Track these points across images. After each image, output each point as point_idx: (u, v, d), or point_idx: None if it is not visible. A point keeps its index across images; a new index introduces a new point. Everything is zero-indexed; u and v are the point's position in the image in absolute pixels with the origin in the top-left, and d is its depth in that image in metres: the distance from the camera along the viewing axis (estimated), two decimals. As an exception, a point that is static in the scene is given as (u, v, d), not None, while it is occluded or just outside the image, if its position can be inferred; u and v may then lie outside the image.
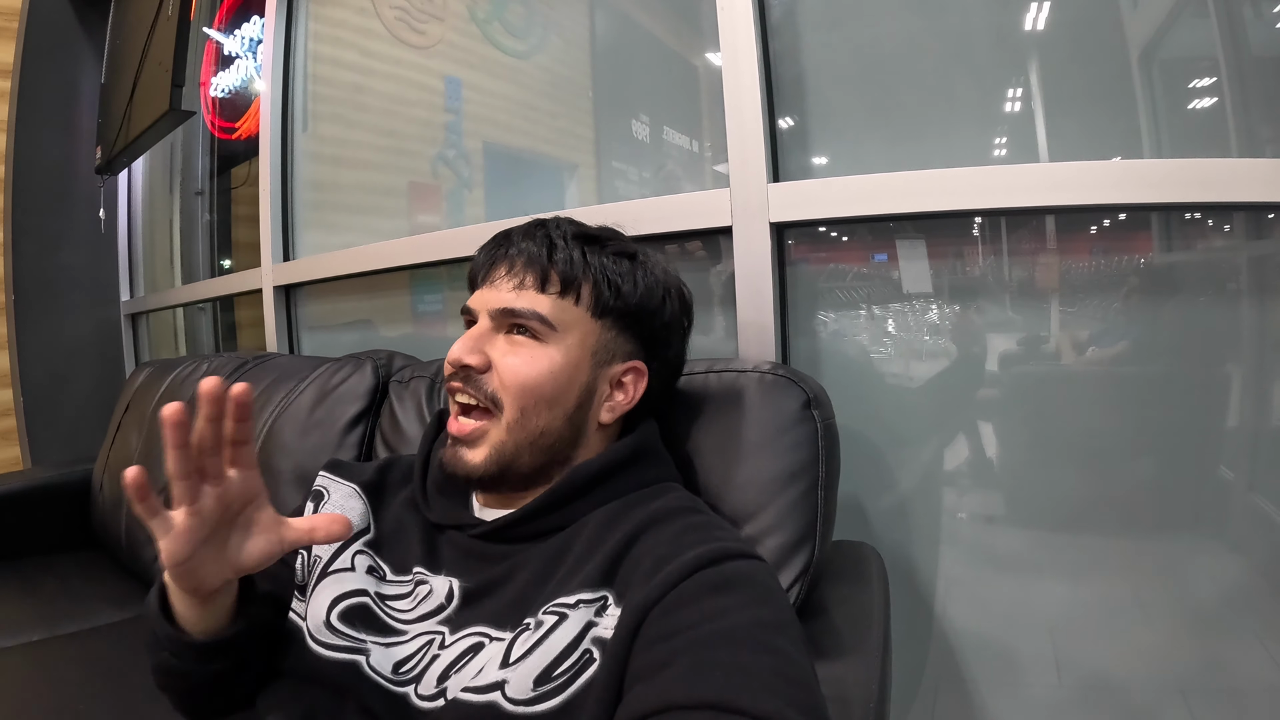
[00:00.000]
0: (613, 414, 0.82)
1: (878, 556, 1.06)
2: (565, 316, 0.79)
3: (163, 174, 3.08)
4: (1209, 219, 1.07)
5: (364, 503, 0.86)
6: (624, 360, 0.83)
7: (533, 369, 0.78)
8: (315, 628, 0.75)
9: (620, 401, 0.83)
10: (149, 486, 0.57)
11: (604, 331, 0.81)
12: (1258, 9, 1.05)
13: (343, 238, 1.99)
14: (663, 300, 0.85)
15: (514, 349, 0.79)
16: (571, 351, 0.79)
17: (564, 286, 0.79)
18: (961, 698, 1.18)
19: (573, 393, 0.80)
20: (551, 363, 0.78)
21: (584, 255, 0.81)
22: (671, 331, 0.87)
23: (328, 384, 1.36)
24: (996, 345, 1.17)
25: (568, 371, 0.79)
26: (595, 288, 0.81)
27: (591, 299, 0.80)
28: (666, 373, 0.89)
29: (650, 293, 0.84)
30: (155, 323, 3.13)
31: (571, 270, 0.80)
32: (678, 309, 0.88)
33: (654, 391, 0.86)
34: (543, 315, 0.78)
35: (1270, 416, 1.05)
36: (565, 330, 0.79)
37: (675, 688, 0.55)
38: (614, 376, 0.83)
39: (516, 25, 1.77)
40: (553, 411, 0.79)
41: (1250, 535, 1.05)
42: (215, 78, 2.65)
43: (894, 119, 1.23)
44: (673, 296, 0.87)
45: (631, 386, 0.84)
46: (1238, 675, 1.05)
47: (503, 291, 0.80)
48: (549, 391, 0.78)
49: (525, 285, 0.80)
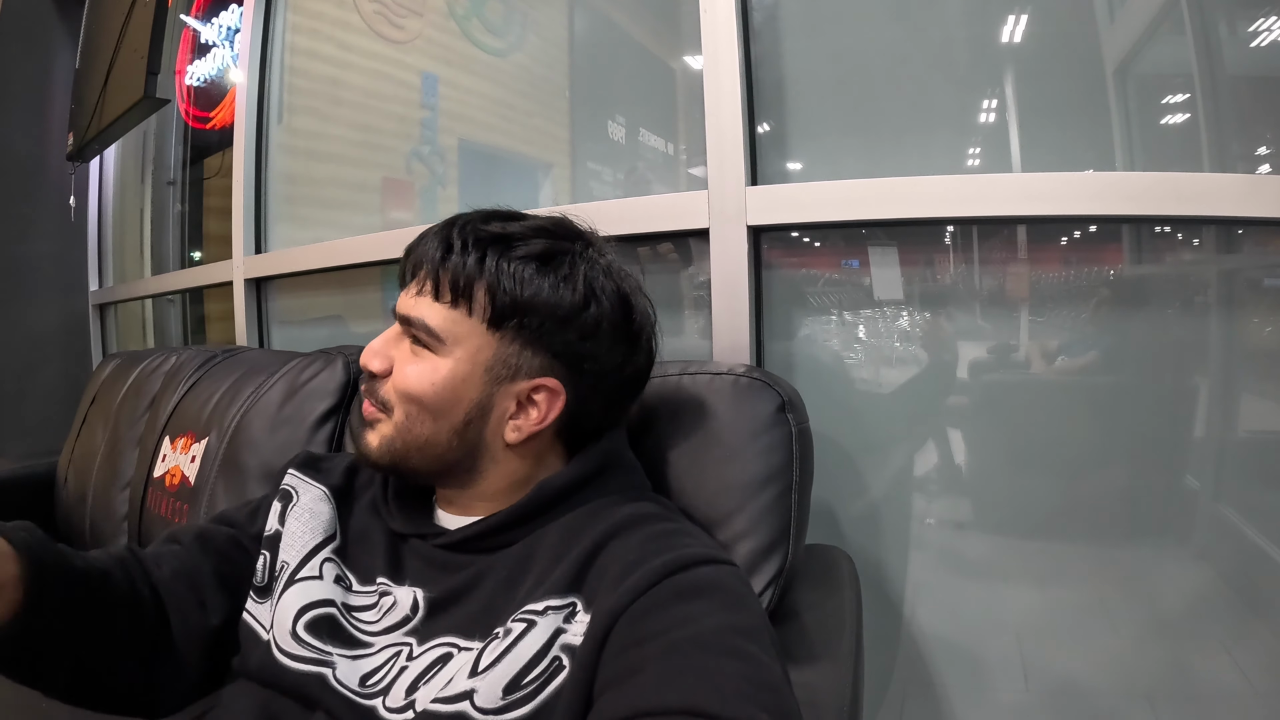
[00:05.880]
0: (519, 434, 0.77)
1: (849, 561, 1.06)
2: (456, 329, 0.75)
3: (135, 163, 3.03)
4: (1179, 232, 1.08)
5: (332, 507, 0.84)
6: (531, 377, 0.76)
7: (418, 380, 0.75)
8: (281, 636, 0.73)
9: (531, 421, 0.77)
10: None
11: (502, 345, 0.75)
12: (1232, 27, 1.07)
13: (315, 232, 1.97)
14: (582, 307, 0.76)
15: (414, 358, 0.76)
16: (459, 366, 0.75)
17: (455, 295, 0.75)
18: (930, 703, 1.19)
19: (459, 409, 0.75)
20: (435, 375, 0.75)
21: (481, 259, 0.75)
22: (599, 342, 0.77)
23: (297, 379, 1.34)
24: (967, 353, 1.18)
25: (452, 386, 0.75)
26: (490, 296, 0.74)
27: (485, 309, 0.74)
28: (606, 387, 0.80)
29: (560, 300, 0.75)
30: (124, 314, 3.08)
31: (463, 277, 0.74)
32: (610, 315, 0.78)
33: (593, 407, 0.80)
34: (430, 327, 0.75)
35: (1236, 427, 1.07)
36: (455, 343, 0.75)
37: (646, 694, 0.54)
38: (519, 394, 0.76)
39: (495, 23, 1.76)
40: (437, 424, 0.76)
41: (1215, 543, 1.07)
42: (191, 66, 2.62)
43: (872, 126, 1.24)
44: (602, 302, 0.77)
45: (544, 405, 0.77)
46: (1203, 681, 1.06)
47: (409, 297, 0.78)
48: (431, 404, 0.75)
49: (424, 292, 0.76)
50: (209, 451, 1.38)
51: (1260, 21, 1.06)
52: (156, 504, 1.45)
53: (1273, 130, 1.08)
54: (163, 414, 1.56)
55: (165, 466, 1.47)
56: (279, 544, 0.81)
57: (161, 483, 1.46)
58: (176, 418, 1.53)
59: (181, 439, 1.47)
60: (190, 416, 1.49)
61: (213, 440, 1.38)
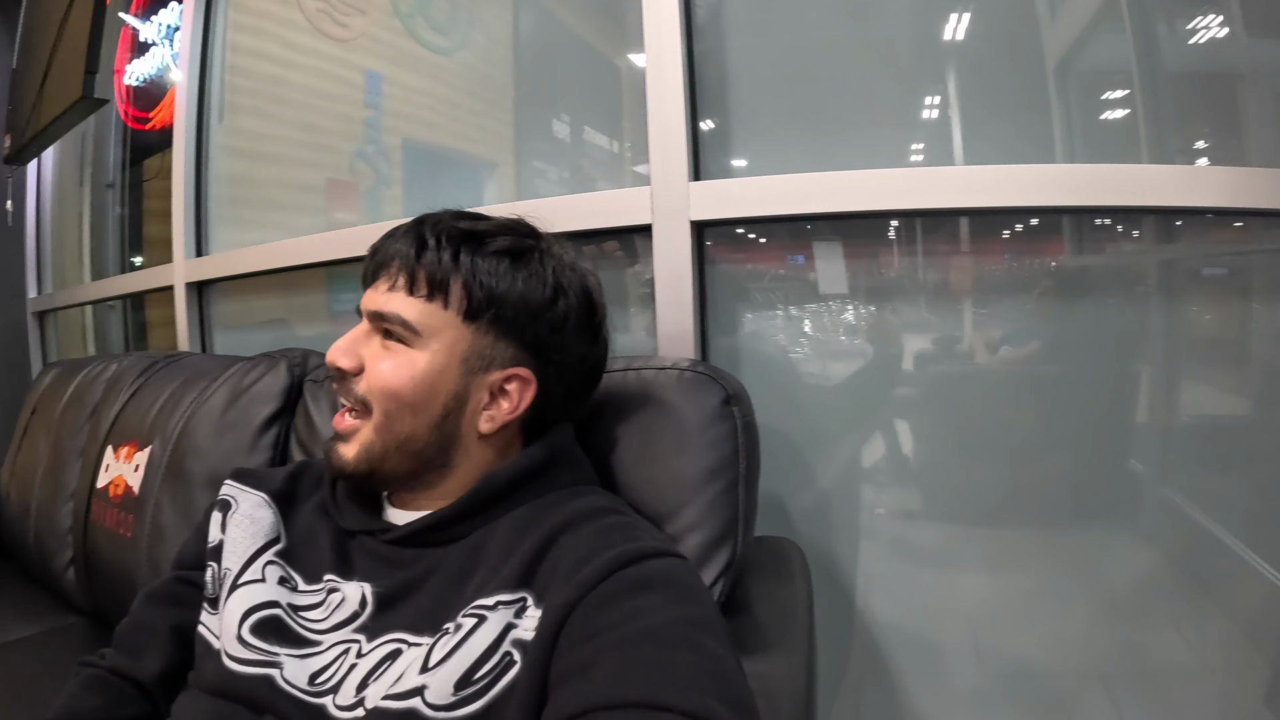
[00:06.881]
0: (492, 424, 0.78)
1: (800, 552, 1.07)
2: (432, 321, 0.76)
3: (73, 165, 2.95)
4: (1119, 224, 1.10)
5: (274, 511, 0.84)
6: (504, 367, 0.78)
7: (397, 375, 0.75)
8: (229, 642, 0.73)
9: (503, 411, 0.79)
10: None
11: (477, 337, 0.77)
12: (1171, 25, 1.10)
13: (258, 234, 1.93)
14: (551, 301, 0.79)
15: (387, 353, 0.77)
16: (437, 358, 0.76)
17: (431, 289, 0.76)
18: (885, 690, 1.20)
19: (438, 400, 0.76)
20: (413, 369, 0.75)
21: (456, 255, 0.77)
22: (566, 335, 0.81)
23: (240, 384, 1.31)
24: (912, 345, 1.19)
25: (430, 378, 0.76)
26: (465, 290, 0.76)
27: (461, 302, 0.76)
28: (569, 378, 0.83)
29: (532, 294, 0.78)
30: (64, 321, 3.01)
31: (439, 272, 0.76)
32: (576, 310, 0.81)
33: (556, 399, 0.82)
34: (406, 320, 0.75)
35: (1178, 412, 1.09)
36: (431, 335, 0.76)
37: (601, 688, 0.55)
38: (493, 384, 0.78)
39: (440, 21, 1.74)
40: (417, 419, 0.76)
41: (1162, 525, 1.10)
42: (130, 65, 2.56)
43: (817, 122, 1.25)
44: (569, 296, 0.81)
45: (516, 395, 0.79)
46: (1154, 660, 1.09)
47: (379, 293, 0.78)
48: (410, 398, 0.75)
49: (397, 287, 0.77)
50: (153, 460, 1.35)
51: (1198, 20, 1.09)
52: (101, 515, 1.42)
53: (1210, 124, 1.11)
54: (105, 423, 1.53)
55: (109, 477, 1.44)
56: (222, 552, 0.80)
57: (105, 494, 1.43)
58: (119, 426, 1.50)
59: (125, 448, 1.44)
60: (133, 425, 1.46)
61: (156, 448, 1.36)
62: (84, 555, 1.46)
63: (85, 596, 1.47)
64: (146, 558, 1.28)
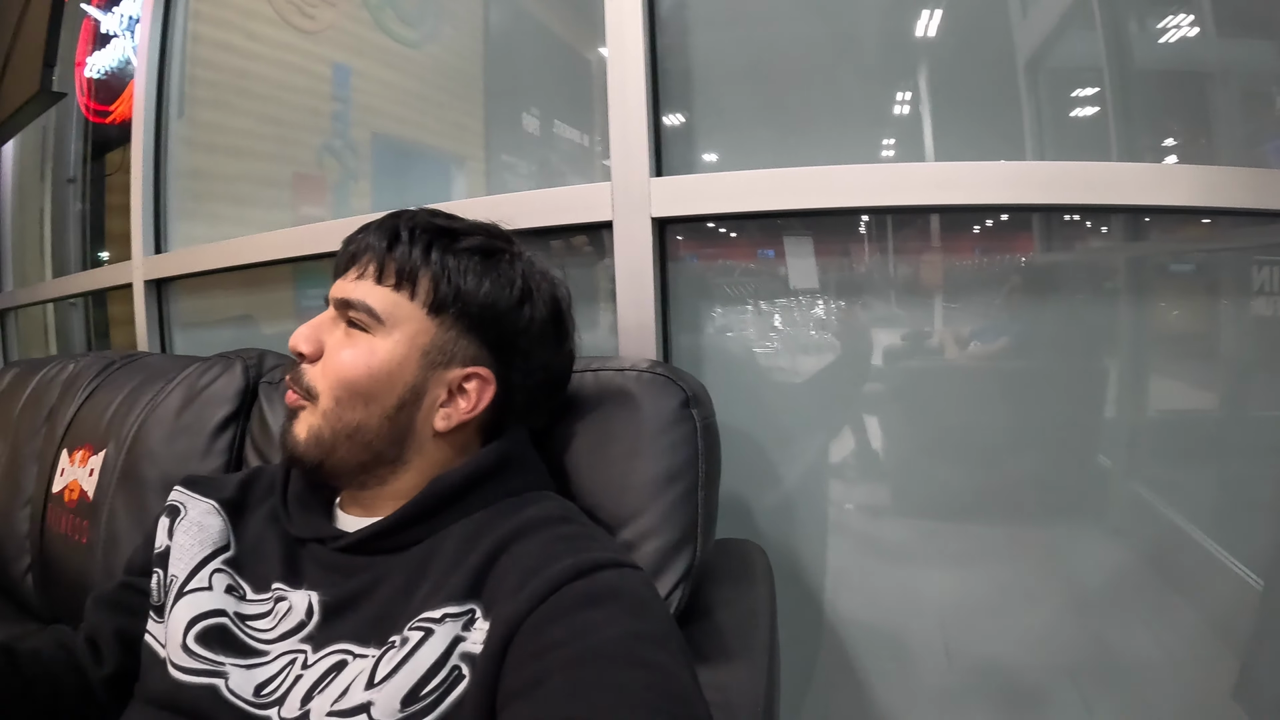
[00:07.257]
0: (448, 422, 0.78)
1: (763, 554, 1.06)
2: (396, 310, 0.76)
3: (34, 160, 2.91)
4: (1088, 220, 1.11)
5: (223, 519, 0.82)
6: (464, 365, 0.78)
7: (353, 364, 0.75)
8: (173, 651, 0.71)
9: (460, 410, 0.78)
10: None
11: (441, 331, 0.77)
12: (1142, 24, 1.11)
13: (221, 229, 1.89)
14: (519, 304, 0.79)
15: (348, 341, 0.76)
16: (398, 347, 0.75)
17: (399, 279, 0.76)
18: (855, 690, 1.20)
19: (394, 391, 0.76)
20: (371, 358, 0.75)
21: (428, 249, 0.77)
22: (531, 339, 0.81)
23: (195, 385, 1.28)
24: (881, 341, 1.19)
25: (388, 367, 0.75)
26: (433, 283, 0.76)
27: (428, 295, 0.76)
28: (530, 385, 0.83)
29: (498, 294, 0.78)
30: (25, 320, 2.96)
31: (409, 264, 0.76)
32: (543, 315, 0.82)
33: (516, 404, 0.82)
34: (370, 307, 0.75)
35: (1146, 408, 1.10)
36: (394, 325, 0.76)
37: (549, 708, 0.53)
38: (452, 381, 0.77)
39: (409, 13, 1.72)
40: (369, 408, 0.75)
41: (1130, 520, 1.11)
42: (91, 57, 2.52)
43: (785, 118, 1.24)
44: (536, 301, 0.81)
45: (475, 394, 0.78)
46: (1124, 655, 1.10)
47: (347, 281, 0.78)
48: (364, 387, 0.75)
49: (366, 276, 0.77)
50: (107, 464, 1.32)
51: (1169, 19, 1.09)
52: (57, 522, 1.39)
53: (1179, 122, 1.12)
54: (60, 425, 1.49)
55: (64, 481, 1.41)
56: (169, 559, 0.79)
57: (61, 499, 1.39)
58: (74, 429, 1.46)
59: (80, 451, 1.40)
60: (88, 427, 1.42)
61: (111, 452, 1.32)
62: (41, 561, 1.42)
63: (45, 603, 1.43)
64: (102, 565, 1.25)
